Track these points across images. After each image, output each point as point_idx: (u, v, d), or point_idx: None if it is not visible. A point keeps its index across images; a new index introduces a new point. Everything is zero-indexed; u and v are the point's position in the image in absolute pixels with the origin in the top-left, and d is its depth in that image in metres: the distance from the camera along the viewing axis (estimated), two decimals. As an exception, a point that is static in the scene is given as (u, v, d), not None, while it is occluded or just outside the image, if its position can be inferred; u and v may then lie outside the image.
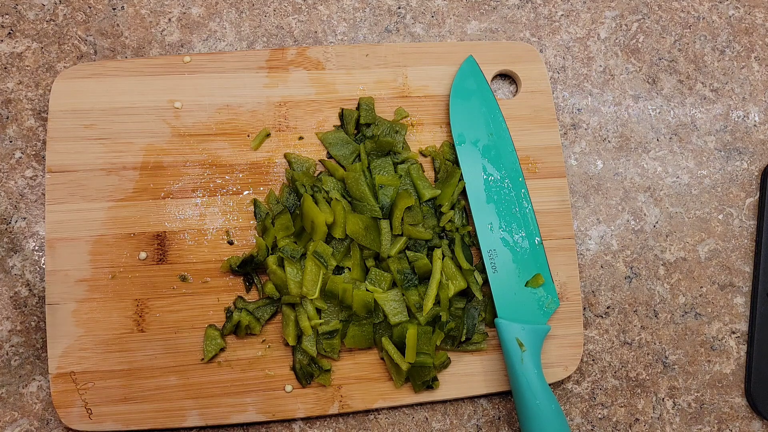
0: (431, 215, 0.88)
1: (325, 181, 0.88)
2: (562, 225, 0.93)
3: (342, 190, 0.88)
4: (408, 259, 0.86)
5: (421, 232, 0.86)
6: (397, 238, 0.87)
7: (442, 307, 0.86)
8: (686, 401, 0.93)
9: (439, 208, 0.89)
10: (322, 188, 0.88)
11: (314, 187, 0.88)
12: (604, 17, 1.02)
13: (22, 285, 0.87)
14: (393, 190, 0.88)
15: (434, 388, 0.87)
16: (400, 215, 0.86)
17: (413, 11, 1.00)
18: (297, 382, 0.86)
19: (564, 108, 0.99)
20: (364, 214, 0.86)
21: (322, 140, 0.90)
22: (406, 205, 0.86)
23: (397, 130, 0.91)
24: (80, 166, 0.87)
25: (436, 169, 0.92)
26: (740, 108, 1.01)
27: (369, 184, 0.88)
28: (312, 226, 0.85)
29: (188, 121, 0.90)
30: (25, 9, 0.94)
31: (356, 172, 0.87)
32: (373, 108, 0.91)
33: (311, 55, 0.94)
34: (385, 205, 0.87)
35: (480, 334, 0.89)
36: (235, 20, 0.97)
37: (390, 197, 0.87)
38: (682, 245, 0.96)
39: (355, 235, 0.85)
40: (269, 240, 0.86)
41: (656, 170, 0.98)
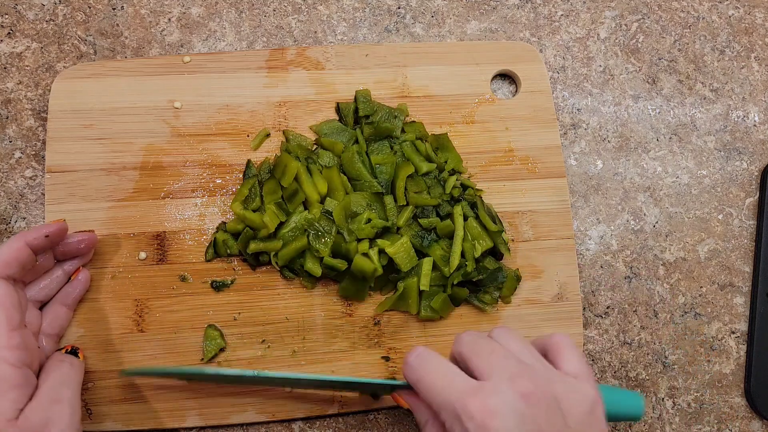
0: (436, 184, 0.88)
1: (322, 155, 0.88)
2: (561, 225, 0.93)
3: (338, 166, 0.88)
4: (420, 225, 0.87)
5: (427, 198, 0.87)
6: (403, 208, 0.87)
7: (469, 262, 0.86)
8: (686, 401, 0.93)
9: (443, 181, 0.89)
10: (318, 161, 0.88)
11: (309, 158, 0.87)
12: (604, 17, 1.03)
13: (22, 285, 0.87)
14: (390, 166, 0.88)
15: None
16: (403, 185, 0.86)
17: (413, 11, 1.00)
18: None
19: (564, 108, 0.99)
20: (365, 191, 0.86)
21: (316, 131, 0.90)
22: (407, 174, 0.86)
23: (395, 115, 0.91)
24: (80, 166, 0.87)
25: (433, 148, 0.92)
26: (740, 108, 1.01)
27: (365, 164, 0.88)
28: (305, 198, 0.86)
29: (188, 121, 0.90)
30: (24, 9, 0.94)
31: (351, 152, 0.87)
32: (371, 99, 0.91)
33: (311, 55, 0.94)
34: (384, 182, 0.87)
35: (492, 297, 0.89)
36: (235, 20, 0.97)
37: (388, 174, 0.88)
38: (681, 245, 0.96)
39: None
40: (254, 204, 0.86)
41: (656, 170, 0.98)
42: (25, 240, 0.75)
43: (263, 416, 0.85)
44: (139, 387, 0.83)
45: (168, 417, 0.83)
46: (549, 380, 0.65)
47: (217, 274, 0.87)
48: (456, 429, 0.63)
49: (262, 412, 0.85)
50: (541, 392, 0.63)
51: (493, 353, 0.66)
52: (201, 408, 0.84)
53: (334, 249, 0.85)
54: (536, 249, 0.92)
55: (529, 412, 0.62)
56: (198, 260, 0.87)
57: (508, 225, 0.92)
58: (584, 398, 0.65)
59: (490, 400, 0.62)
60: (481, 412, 0.61)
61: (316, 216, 0.84)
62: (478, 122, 0.94)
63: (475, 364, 0.66)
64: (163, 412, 0.83)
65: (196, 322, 0.85)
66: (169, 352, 0.84)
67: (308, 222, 0.84)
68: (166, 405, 0.83)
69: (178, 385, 0.84)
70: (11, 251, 0.73)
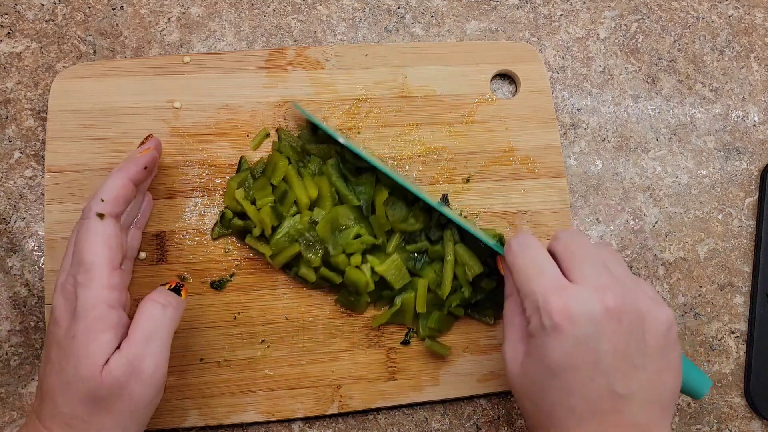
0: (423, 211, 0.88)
1: (313, 160, 0.88)
2: (561, 225, 0.93)
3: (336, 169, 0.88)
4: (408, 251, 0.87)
5: (412, 225, 0.86)
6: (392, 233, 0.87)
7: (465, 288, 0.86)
8: (685, 401, 0.93)
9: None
10: (309, 165, 0.88)
11: (300, 161, 0.87)
12: (604, 17, 1.03)
13: (22, 285, 0.87)
14: (369, 186, 0.87)
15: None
16: (383, 211, 0.86)
17: (413, 11, 1.00)
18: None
19: (563, 108, 0.99)
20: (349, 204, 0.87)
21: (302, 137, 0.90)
22: (383, 199, 0.86)
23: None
24: (79, 166, 0.87)
25: None
26: (740, 108, 1.01)
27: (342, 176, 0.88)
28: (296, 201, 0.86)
29: (187, 120, 0.90)
30: (24, 9, 0.94)
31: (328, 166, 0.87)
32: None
33: (310, 55, 0.94)
34: (365, 202, 0.87)
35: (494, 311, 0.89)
36: (235, 20, 0.97)
37: (368, 194, 0.87)
38: (681, 245, 0.96)
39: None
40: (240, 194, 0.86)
41: (656, 170, 0.98)
42: (128, 176, 0.75)
43: (263, 416, 0.85)
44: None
45: (168, 417, 0.83)
46: (636, 297, 0.64)
47: (217, 273, 0.87)
48: (534, 319, 0.64)
49: (261, 412, 0.85)
50: (628, 308, 0.63)
51: (586, 260, 0.66)
52: (200, 408, 0.84)
53: (325, 259, 0.85)
54: (536, 249, 0.92)
55: (609, 326, 0.62)
56: (198, 260, 0.87)
57: (507, 225, 0.92)
58: (666, 318, 0.65)
59: (573, 304, 0.62)
60: (560, 313, 0.62)
61: (305, 226, 0.84)
62: (478, 122, 0.94)
63: (567, 265, 0.67)
64: (163, 412, 0.83)
65: (196, 322, 0.85)
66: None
67: (298, 232, 0.84)
68: (165, 405, 0.83)
69: (177, 384, 0.84)
70: (117, 189, 0.73)
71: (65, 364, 0.66)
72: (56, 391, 0.66)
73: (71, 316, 0.67)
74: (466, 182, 0.93)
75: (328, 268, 0.84)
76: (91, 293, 0.67)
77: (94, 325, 0.66)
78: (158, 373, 0.68)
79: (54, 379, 0.66)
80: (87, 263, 0.68)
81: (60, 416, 0.65)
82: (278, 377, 0.86)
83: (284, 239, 0.84)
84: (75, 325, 0.66)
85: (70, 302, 0.67)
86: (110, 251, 0.70)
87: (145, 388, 0.67)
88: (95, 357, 0.65)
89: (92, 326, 0.66)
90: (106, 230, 0.70)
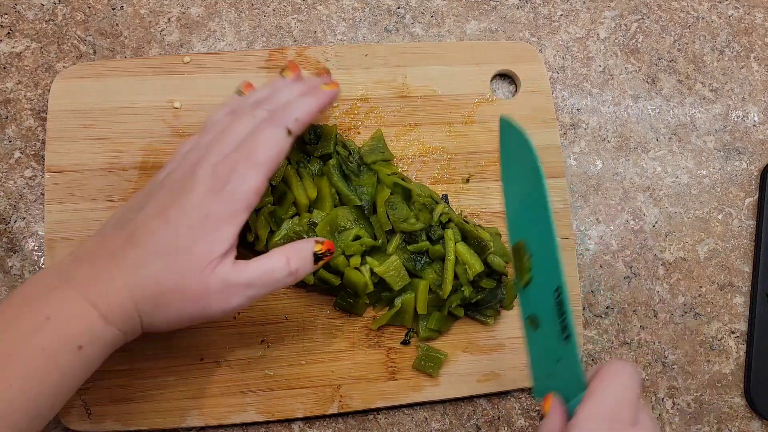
0: (425, 209, 0.88)
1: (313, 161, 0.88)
2: (561, 225, 0.93)
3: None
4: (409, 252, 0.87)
5: (413, 225, 0.86)
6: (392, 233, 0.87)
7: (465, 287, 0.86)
8: (685, 401, 0.93)
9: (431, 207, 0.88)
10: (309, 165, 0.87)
11: (300, 162, 0.87)
12: (604, 17, 1.03)
13: (22, 285, 0.87)
14: (371, 187, 0.87)
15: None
16: (383, 210, 0.86)
17: (413, 11, 1.00)
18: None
19: (563, 108, 0.99)
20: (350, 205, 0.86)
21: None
22: (384, 198, 0.86)
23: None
24: (79, 166, 0.87)
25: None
26: (740, 108, 1.01)
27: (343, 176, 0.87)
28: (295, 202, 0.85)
29: (188, 121, 0.90)
30: (24, 9, 0.94)
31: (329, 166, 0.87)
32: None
33: (310, 55, 0.94)
34: (366, 202, 0.87)
35: (494, 311, 0.89)
36: (235, 20, 0.97)
37: (369, 194, 0.87)
38: (681, 245, 0.96)
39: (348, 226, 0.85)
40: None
41: (655, 170, 0.98)
42: (320, 105, 0.77)
43: (263, 416, 0.85)
44: (138, 387, 0.83)
45: (168, 417, 0.83)
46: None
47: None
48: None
49: (261, 412, 0.85)
50: None
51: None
52: (201, 408, 0.84)
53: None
54: (536, 249, 0.92)
55: None
56: (197, 260, 0.87)
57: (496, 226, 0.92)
58: None
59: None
60: None
61: (304, 227, 0.84)
62: (478, 122, 0.94)
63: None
64: (163, 412, 0.83)
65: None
66: (167, 352, 0.84)
67: (297, 234, 0.84)
68: (165, 405, 0.83)
69: (177, 384, 0.84)
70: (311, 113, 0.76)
71: (184, 232, 0.66)
72: (159, 249, 0.66)
73: (213, 194, 0.67)
74: (466, 182, 0.93)
75: (326, 269, 0.84)
76: (245, 187, 0.68)
77: (231, 216, 0.67)
78: (237, 309, 0.69)
79: (163, 237, 0.66)
80: (255, 160, 0.69)
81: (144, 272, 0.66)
82: (278, 377, 0.86)
83: (283, 241, 0.83)
84: (215, 203, 0.67)
85: (218, 182, 0.68)
86: (276, 164, 0.71)
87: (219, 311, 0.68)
88: (215, 244, 0.66)
89: (228, 216, 0.67)
90: (284, 145, 0.72)
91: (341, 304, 0.87)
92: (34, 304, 0.64)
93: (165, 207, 0.68)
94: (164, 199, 0.69)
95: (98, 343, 0.65)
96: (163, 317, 0.67)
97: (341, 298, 0.86)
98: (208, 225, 0.66)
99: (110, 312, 0.64)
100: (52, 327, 0.62)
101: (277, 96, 0.78)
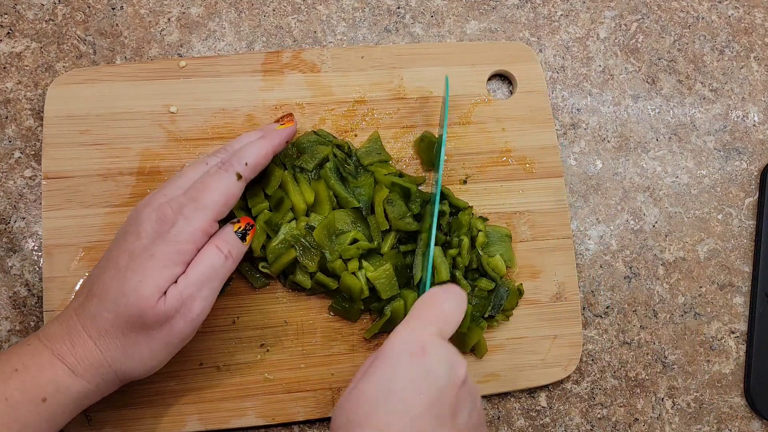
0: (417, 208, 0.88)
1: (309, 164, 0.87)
2: (559, 225, 0.93)
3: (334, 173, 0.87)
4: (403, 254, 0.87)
5: (410, 224, 0.86)
6: (387, 233, 0.87)
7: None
8: (685, 401, 0.93)
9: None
10: (306, 168, 0.87)
11: (295, 167, 0.87)
12: (604, 17, 1.02)
13: (21, 285, 0.87)
14: (368, 188, 0.87)
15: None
16: (381, 210, 0.85)
17: (413, 11, 1.00)
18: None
19: (563, 108, 0.99)
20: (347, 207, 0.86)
21: (296, 145, 0.89)
22: (383, 197, 0.86)
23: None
24: (76, 171, 0.87)
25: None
26: (739, 108, 1.01)
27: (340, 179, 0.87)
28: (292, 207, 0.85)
29: (184, 125, 0.90)
30: (24, 9, 0.94)
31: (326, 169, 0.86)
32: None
33: (306, 57, 0.93)
34: (364, 203, 0.86)
35: (503, 314, 0.89)
36: (235, 20, 0.97)
37: (367, 195, 0.87)
38: (681, 245, 0.96)
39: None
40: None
41: (655, 170, 0.98)
42: (272, 146, 0.79)
43: (263, 420, 0.85)
44: (138, 392, 0.84)
45: (168, 422, 0.84)
46: None
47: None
48: None
49: (261, 416, 0.85)
50: None
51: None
52: (201, 413, 0.84)
53: (321, 264, 0.84)
54: (534, 249, 0.92)
55: None
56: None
57: (505, 225, 0.92)
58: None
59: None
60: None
61: (302, 231, 0.84)
62: (475, 123, 0.94)
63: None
64: (163, 417, 0.84)
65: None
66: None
67: (294, 238, 0.84)
68: (165, 410, 0.84)
69: (177, 389, 0.84)
70: (261, 156, 0.77)
71: (130, 276, 0.68)
72: (109, 296, 0.68)
73: (158, 236, 0.69)
74: (464, 183, 0.93)
75: (324, 273, 0.84)
76: (188, 228, 0.70)
77: (175, 256, 0.69)
78: (202, 316, 0.71)
79: (113, 284, 0.68)
80: (201, 203, 0.71)
81: (101, 320, 0.68)
82: (278, 381, 0.86)
83: (281, 246, 0.83)
84: (159, 245, 0.69)
85: (164, 224, 0.70)
86: (224, 206, 0.73)
87: (187, 326, 0.70)
88: (161, 282, 0.68)
89: (173, 255, 0.69)
90: (233, 190, 0.74)
91: (336, 308, 0.87)
92: (5, 358, 0.68)
93: (116, 256, 0.71)
94: (117, 248, 0.72)
95: (64, 395, 0.67)
96: (137, 360, 0.70)
97: (337, 302, 0.87)
98: (154, 265, 0.68)
99: (77, 365, 0.68)
100: (19, 378, 0.66)
101: (233, 144, 0.80)
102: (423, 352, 0.65)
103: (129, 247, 0.70)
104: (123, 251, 0.70)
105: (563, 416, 0.91)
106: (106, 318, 0.68)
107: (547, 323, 0.91)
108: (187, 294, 0.69)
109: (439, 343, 0.67)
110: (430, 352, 0.65)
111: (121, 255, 0.70)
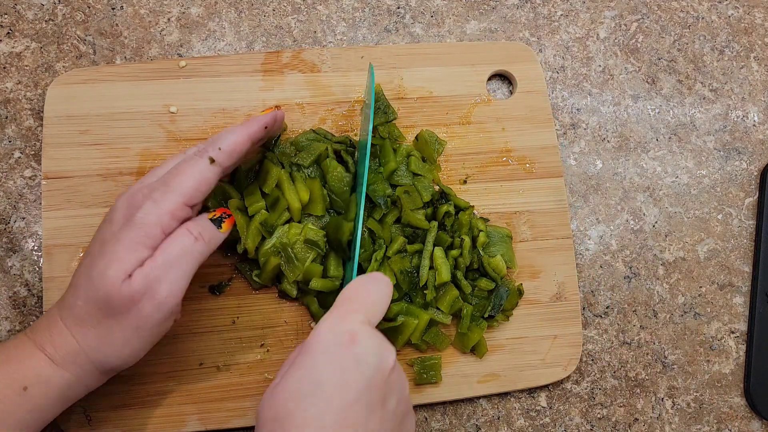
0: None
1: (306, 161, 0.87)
2: (559, 225, 0.93)
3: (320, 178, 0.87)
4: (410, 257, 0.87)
5: (420, 220, 0.86)
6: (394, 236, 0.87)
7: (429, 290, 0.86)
8: (685, 401, 0.93)
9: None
10: (302, 167, 0.87)
11: (293, 165, 0.87)
12: (604, 17, 1.02)
13: (21, 285, 0.87)
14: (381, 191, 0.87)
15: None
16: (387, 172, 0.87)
17: (413, 11, 1.00)
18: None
19: (563, 108, 0.99)
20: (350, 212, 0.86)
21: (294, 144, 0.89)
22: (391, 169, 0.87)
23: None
24: (76, 171, 0.87)
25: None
26: (739, 108, 1.01)
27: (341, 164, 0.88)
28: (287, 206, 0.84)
29: (184, 125, 0.90)
30: (24, 9, 0.94)
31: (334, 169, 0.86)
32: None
33: (306, 57, 0.93)
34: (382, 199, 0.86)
35: (503, 315, 0.89)
36: (235, 20, 0.97)
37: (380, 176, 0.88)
38: (681, 245, 0.96)
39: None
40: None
41: (655, 170, 0.98)
42: (249, 133, 0.76)
43: (262, 420, 0.85)
44: (138, 392, 0.84)
45: (168, 422, 0.84)
46: None
47: (215, 278, 0.87)
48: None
49: (261, 416, 0.85)
50: None
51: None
52: (201, 413, 0.84)
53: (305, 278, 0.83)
54: (534, 249, 0.92)
55: None
56: (196, 265, 0.87)
57: (505, 225, 0.92)
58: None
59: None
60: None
61: (291, 240, 0.83)
62: (475, 123, 0.94)
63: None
64: (163, 417, 0.84)
65: (194, 327, 0.86)
66: (168, 356, 0.85)
67: (282, 246, 0.83)
68: (165, 410, 0.84)
69: (177, 389, 0.84)
70: (235, 143, 0.75)
71: (98, 261, 0.68)
72: (80, 284, 0.69)
73: (126, 222, 0.69)
74: (464, 183, 0.92)
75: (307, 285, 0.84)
76: (156, 211, 0.69)
77: (141, 239, 0.68)
78: (171, 299, 0.69)
79: (84, 272, 0.69)
80: (171, 187, 0.70)
81: (76, 308, 0.68)
82: (277, 381, 0.86)
83: (274, 249, 0.83)
84: (125, 230, 0.68)
85: (132, 209, 0.70)
86: (195, 191, 0.71)
87: (155, 310, 0.68)
88: (126, 265, 0.67)
89: (138, 238, 0.68)
90: (206, 174, 0.72)
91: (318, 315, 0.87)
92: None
93: (91, 246, 0.72)
94: (94, 238, 0.73)
95: (45, 385, 0.68)
96: (111, 348, 0.70)
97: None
98: (119, 248, 0.68)
99: (56, 354, 0.68)
100: (2, 368, 0.67)
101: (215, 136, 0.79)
102: (353, 341, 0.64)
103: (102, 234, 0.71)
104: (96, 240, 0.71)
105: (563, 416, 0.91)
106: (79, 306, 0.68)
107: (547, 323, 0.91)
108: (153, 276, 0.68)
109: (369, 331, 0.66)
110: (360, 340, 0.65)
111: (95, 244, 0.71)
